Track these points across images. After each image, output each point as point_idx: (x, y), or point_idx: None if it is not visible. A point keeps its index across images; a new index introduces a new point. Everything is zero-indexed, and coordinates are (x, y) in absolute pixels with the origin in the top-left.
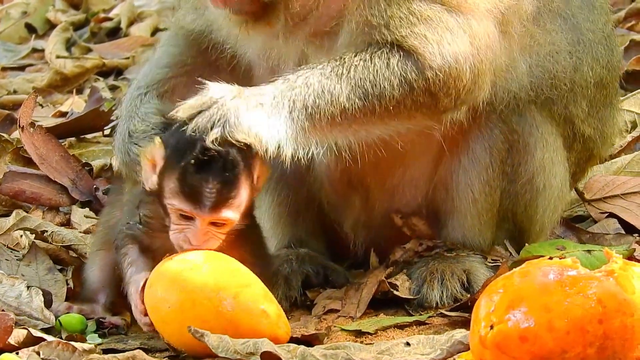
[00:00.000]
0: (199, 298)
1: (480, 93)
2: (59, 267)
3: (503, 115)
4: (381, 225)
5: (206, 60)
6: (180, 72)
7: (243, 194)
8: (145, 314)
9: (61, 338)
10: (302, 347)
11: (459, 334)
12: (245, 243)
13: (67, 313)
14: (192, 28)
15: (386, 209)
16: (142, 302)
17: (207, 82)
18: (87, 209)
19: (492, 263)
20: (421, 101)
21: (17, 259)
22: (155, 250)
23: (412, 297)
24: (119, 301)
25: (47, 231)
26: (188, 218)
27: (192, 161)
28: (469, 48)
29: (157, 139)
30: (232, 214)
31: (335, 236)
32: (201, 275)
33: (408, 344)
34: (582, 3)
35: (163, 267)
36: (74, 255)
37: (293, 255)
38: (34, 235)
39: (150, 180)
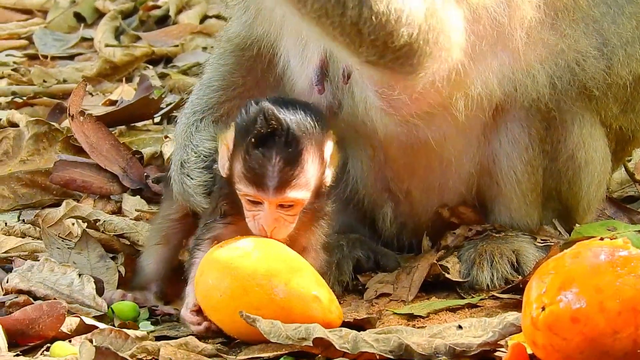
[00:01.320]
0: (251, 285)
1: (415, 74)
2: (111, 255)
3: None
4: (426, 219)
5: (255, 78)
6: (233, 95)
7: (309, 172)
8: (195, 312)
9: (113, 325)
10: (354, 331)
11: (511, 316)
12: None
13: (122, 301)
14: (237, 38)
15: (430, 206)
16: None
17: None
18: (138, 196)
19: (542, 243)
20: (347, 31)
21: (68, 248)
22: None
23: (462, 280)
24: (172, 290)
25: (99, 220)
26: (257, 203)
27: (253, 139)
28: (419, 18)
29: (234, 123)
30: (298, 194)
31: (381, 225)
32: (252, 262)
33: (460, 326)
34: (608, 9)
35: (213, 255)
36: (126, 243)
37: (344, 241)
38: (85, 224)
39: (225, 166)
